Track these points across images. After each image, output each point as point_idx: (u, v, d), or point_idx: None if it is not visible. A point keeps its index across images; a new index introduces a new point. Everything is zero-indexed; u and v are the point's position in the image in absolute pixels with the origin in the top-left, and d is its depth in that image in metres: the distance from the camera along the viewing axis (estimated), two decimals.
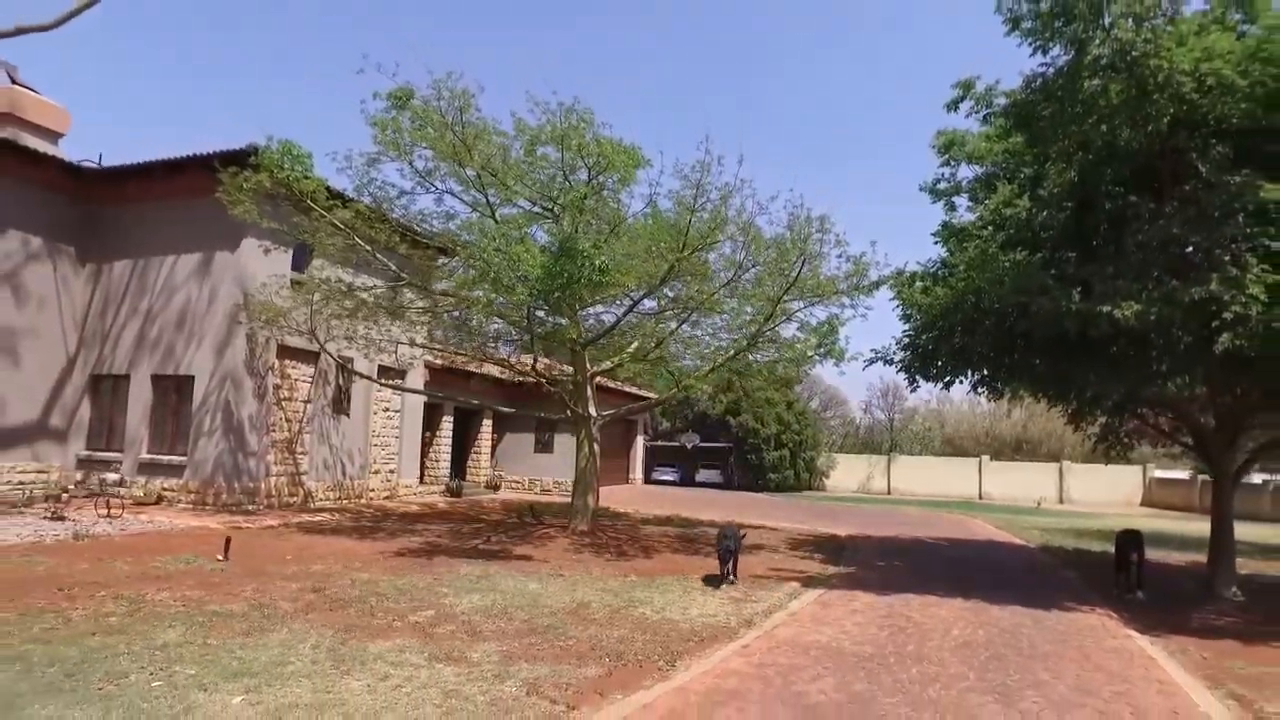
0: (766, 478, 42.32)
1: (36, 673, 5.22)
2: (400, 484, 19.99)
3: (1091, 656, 7.48)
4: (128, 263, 16.72)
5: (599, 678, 5.93)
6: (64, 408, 16.66)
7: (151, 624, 6.63)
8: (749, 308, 15.14)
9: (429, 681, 5.55)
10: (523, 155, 13.76)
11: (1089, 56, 9.27)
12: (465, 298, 12.49)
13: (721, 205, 13.62)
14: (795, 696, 5.75)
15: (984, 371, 13.69)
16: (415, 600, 8.24)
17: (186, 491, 15.42)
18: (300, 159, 13.20)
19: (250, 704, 4.87)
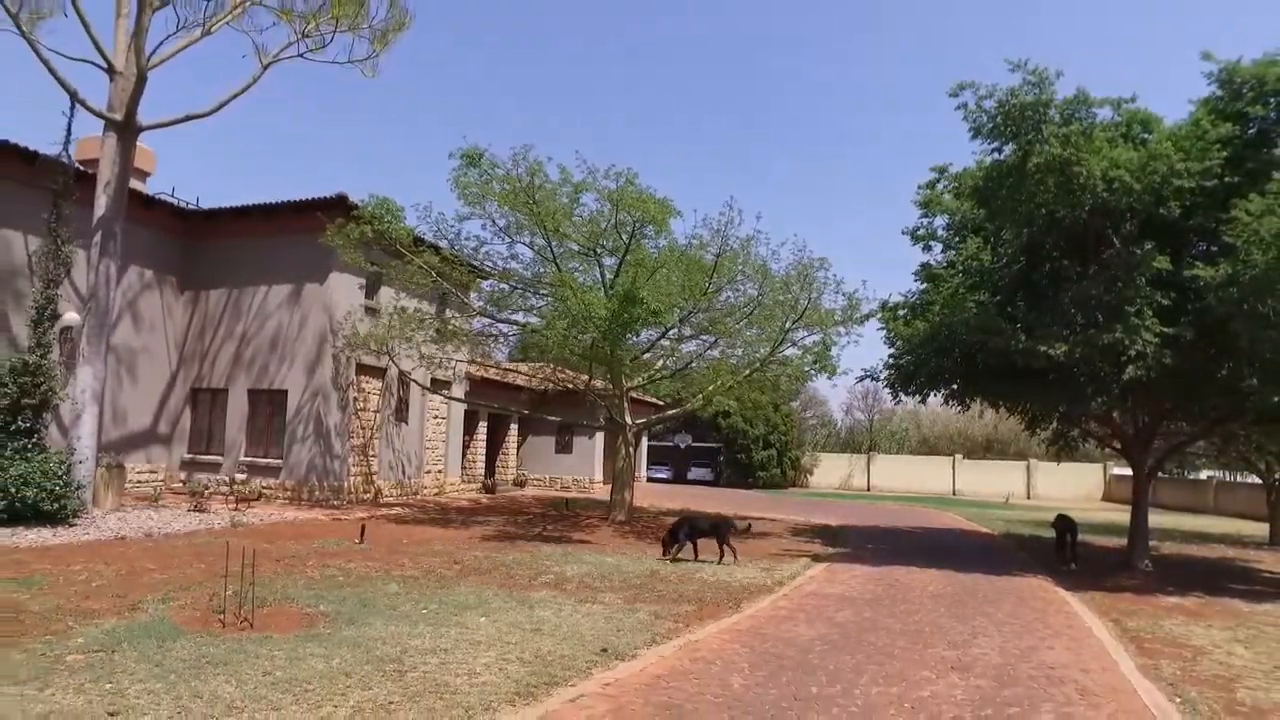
0: (755, 475, 45.32)
1: (348, 600, 8.03)
2: (447, 482, 22.79)
3: (1026, 600, 10.55)
4: (223, 291, 19.37)
5: (693, 612, 8.83)
6: (169, 416, 19.29)
7: (371, 582, 9.42)
8: (755, 330, 18.16)
9: (587, 613, 8.41)
10: (567, 204, 16.65)
11: (1031, 161, 12.33)
12: (541, 330, 15.34)
13: (741, 251, 16.64)
14: (826, 618, 8.73)
15: (954, 387, 16.81)
16: (532, 569, 11.10)
17: (283, 489, 18.12)
18: (394, 212, 15.97)
19: (491, 623, 7.69)
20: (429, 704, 5.08)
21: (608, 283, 16.23)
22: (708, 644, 7.34)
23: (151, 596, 7.89)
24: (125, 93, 14.07)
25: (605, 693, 5.62)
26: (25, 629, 6.41)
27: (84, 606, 7.34)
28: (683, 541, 12.84)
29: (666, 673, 6.25)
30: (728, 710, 5.38)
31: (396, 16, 16.00)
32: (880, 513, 28.05)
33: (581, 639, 7.11)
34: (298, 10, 15.46)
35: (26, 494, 11.76)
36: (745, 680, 6.16)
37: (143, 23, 13.56)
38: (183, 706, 4.77)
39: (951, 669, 6.85)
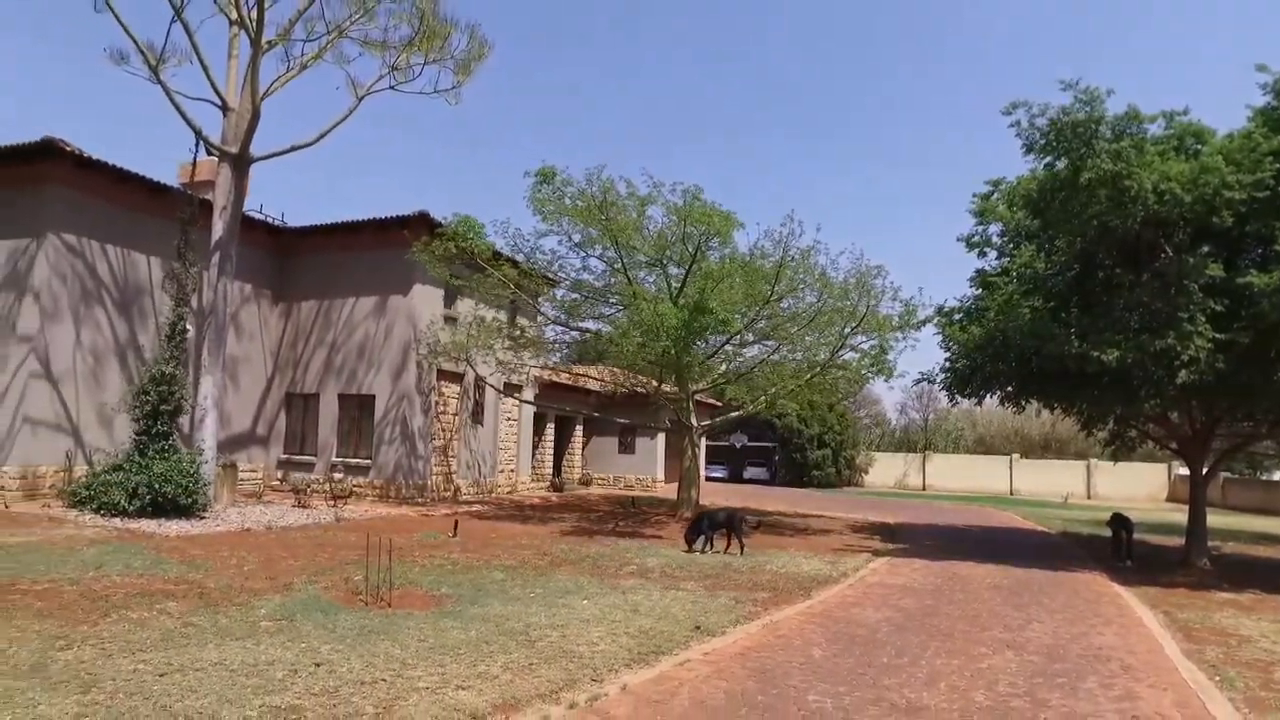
0: (810, 474, 45.89)
1: (464, 585, 9.16)
2: (518, 481, 24.04)
3: (1079, 593, 11.22)
4: (314, 303, 20.87)
5: (769, 598, 9.74)
6: (266, 419, 20.87)
7: (477, 571, 10.55)
8: (814, 335, 18.95)
9: (674, 598, 9.38)
10: (635, 218, 17.66)
11: (1082, 176, 12.92)
12: (616, 339, 16.43)
13: (802, 260, 17.48)
14: (891, 605, 9.58)
15: (1009, 390, 17.38)
16: (616, 560, 12.13)
17: (371, 487, 19.52)
18: (475, 229, 17.17)
19: (593, 605, 8.71)
20: (563, 665, 6.12)
21: (674, 292, 17.20)
22: (787, 624, 8.27)
23: (297, 579, 9.10)
24: (239, 127, 15.50)
25: (706, 660, 6.61)
26: (215, 601, 7.65)
27: (248, 586, 8.58)
28: (707, 534, 13.79)
29: (755, 646, 7.21)
30: (812, 674, 6.32)
31: (476, 47, 17.21)
32: (936, 511, 28.51)
33: (675, 618, 8.10)
34: (389, 42, 16.83)
35: (167, 490, 13.23)
36: (824, 652, 7.08)
37: (256, 64, 14.97)
38: (367, 662, 5.88)
39: (1007, 647, 7.65)
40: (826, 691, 5.87)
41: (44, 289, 15.49)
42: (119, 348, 16.94)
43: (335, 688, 5.23)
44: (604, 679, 5.86)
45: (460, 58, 17.09)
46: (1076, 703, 5.95)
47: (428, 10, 16.49)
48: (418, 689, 5.30)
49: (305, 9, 16.17)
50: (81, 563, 9.19)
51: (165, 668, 5.44)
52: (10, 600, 7.21)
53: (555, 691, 5.47)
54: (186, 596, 7.85)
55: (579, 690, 5.53)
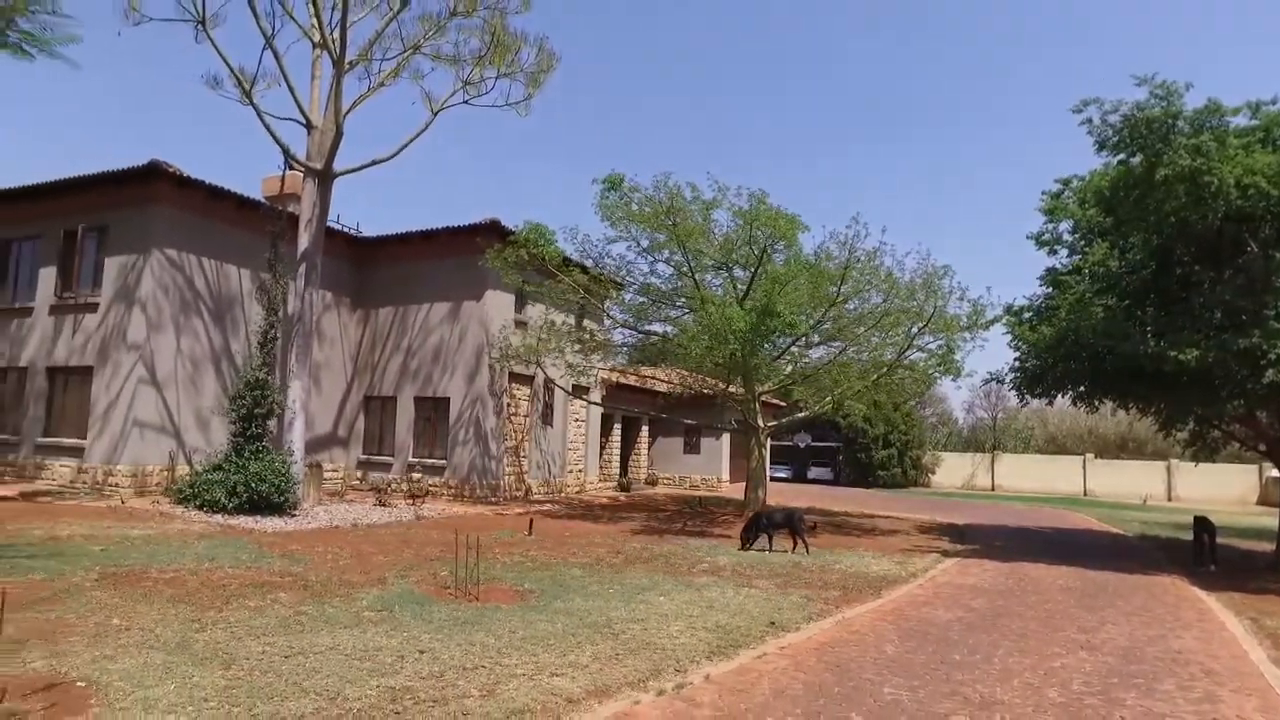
0: (875, 475, 45.46)
1: (545, 581, 9.60)
2: (586, 481, 24.56)
3: (1158, 596, 11.09)
4: (390, 309, 21.73)
5: (840, 596, 9.93)
6: (346, 421, 21.81)
7: (555, 567, 10.99)
8: (880, 336, 18.94)
9: (747, 595, 9.65)
10: (702, 223, 17.94)
11: (1158, 172, 12.72)
12: (684, 342, 16.77)
13: (867, 262, 17.54)
14: (961, 605, 9.68)
15: (1080, 389, 17.12)
16: (687, 559, 12.45)
17: (446, 487, 20.24)
18: (546, 236, 17.69)
19: (669, 601, 9.05)
20: (647, 656, 6.47)
21: (740, 294, 17.44)
22: (859, 621, 8.47)
23: (389, 574, 9.66)
24: (323, 145, 16.32)
25: (783, 653, 6.88)
26: (319, 593, 8.23)
27: (345, 579, 9.16)
28: (767, 532, 14.00)
29: (829, 641, 7.45)
30: (886, 668, 6.54)
31: (544, 59, 17.74)
32: (1006, 512, 28.03)
33: (750, 614, 8.38)
34: (460, 56, 17.51)
35: (261, 488, 14.06)
36: (896, 648, 7.27)
37: (339, 84, 15.76)
38: (465, 650, 6.33)
39: (1080, 648, 7.71)
40: (901, 685, 6.09)
41: (149, 301, 16.57)
42: (214, 354, 17.99)
43: (440, 672, 5.68)
44: (687, 669, 6.19)
45: (529, 70, 17.66)
46: (1153, 703, 6.03)
47: (497, 25, 17.10)
48: (515, 675, 5.71)
49: (383, 29, 16.95)
50: (196, 555, 9.94)
51: (288, 650, 5.98)
52: (146, 586, 7.92)
53: (642, 680, 5.82)
54: (293, 588, 8.45)
55: (664, 679, 5.88)
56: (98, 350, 17.16)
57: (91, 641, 5.91)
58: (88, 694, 4.79)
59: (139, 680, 5.07)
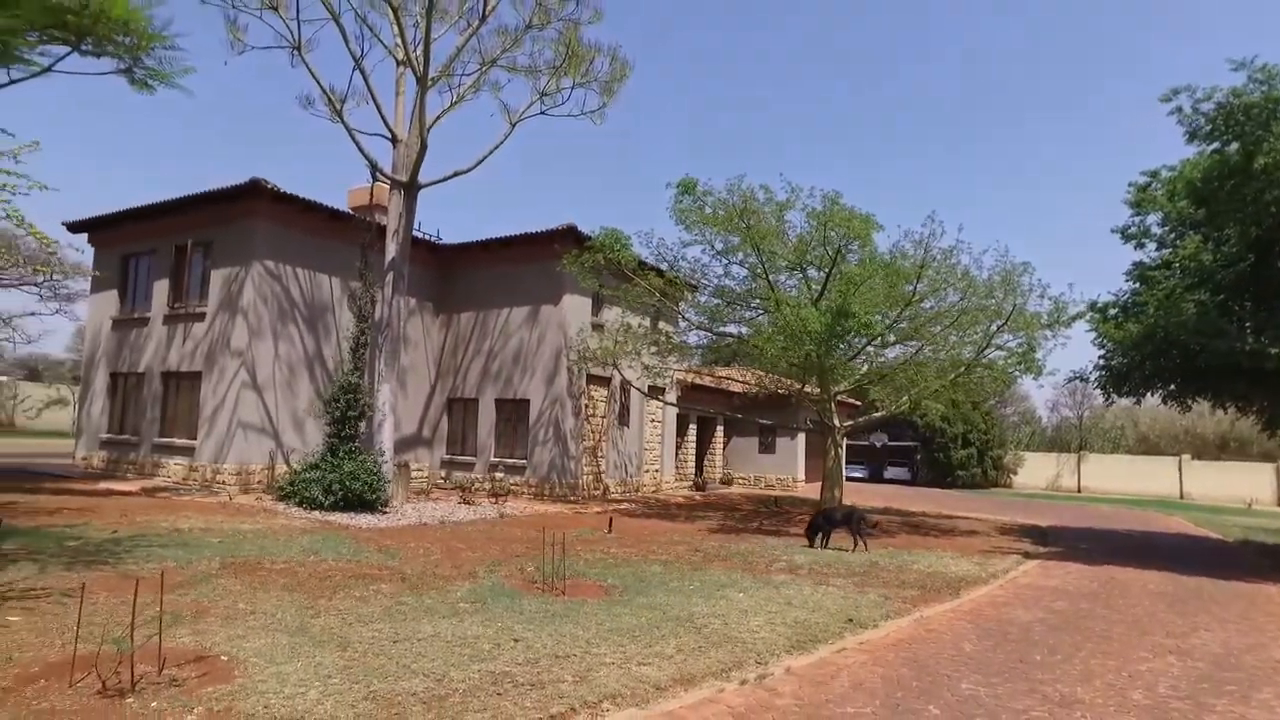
0: (954, 475, 44.56)
1: (627, 577, 9.95)
2: (662, 480, 24.90)
3: (1258, 604, 10.75)
4: (471, 313, 22.49)
5: (917, 596, 9.99)
6: (430, 423, 22.68)
7: (636, 564, 11.33)
8: (958, 335, 18.68)
9: (825, 593, 9.80)
10: (775, 224, 18.02)
11: (1257, 161, 12.29)
12: (759, 344, 16.93)
13: (944, 260, 17.36)
14: (1043, 606, 9.62)
15: (1171, 388, 16.59)
16: (764, 557, 12.63)
17: (527, 486, 20.85)
18: (621, 241, 18.07)
19: (748, 598, 9.29)
20: (729, 649, 6.73)
21: (814, 295, 17.48)
22: (937, 620, 8.55)
23: (479, 568, 10.15)
24: (408, 158, 17.08)
25: (861, 649, 7.05)
26: (416, 586, 8.76)
27: (438, 573, 9.69)
28: (825, 530, 14.18)
29: (907, 638, 7.57)
30: (964, 665, 6.65)
31: (618, 68, 18.14)
32: (1093, 515, 27.18)
33: (828, 611, 8.54)
34: (535, 66, 18.06)
35: (355, 487, 14.84)
36: (975, 647, 7.35)
37: (423, 99, 16.48)
38: (556, 640, 6.70)
39: (1170, 653, 7.62)
40: (979, 682, 6.20)
41: (250, 309, 17.64)
42: (308, 359, 19.00)
43: (535, 659, 6.06)
44: (767, 662, 6.43)
45: (603, 79, 18.08)
46: (1247, 709, 5.97)
47: (571, 36, 17.57)
48: (605, 663, 6.06)
49: (463, 45, 17.61)
50: (302, 548, 10.64)
51: (395, 636, 6.46)
52: (261, 575, 8.58)
53: (725, 670, 6.09)
54: (391, 580, 9.00)
55: (746, 670, 6.14)
56: (205, 356, 18.34)
57: (225, 622, 6.53)
58: (231, 667, 5.35)
59: (270, 657, 5.61)
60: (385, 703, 4.91)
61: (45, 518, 11.77)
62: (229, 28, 16.08)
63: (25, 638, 5.83)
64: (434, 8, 15.99)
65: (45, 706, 4.56)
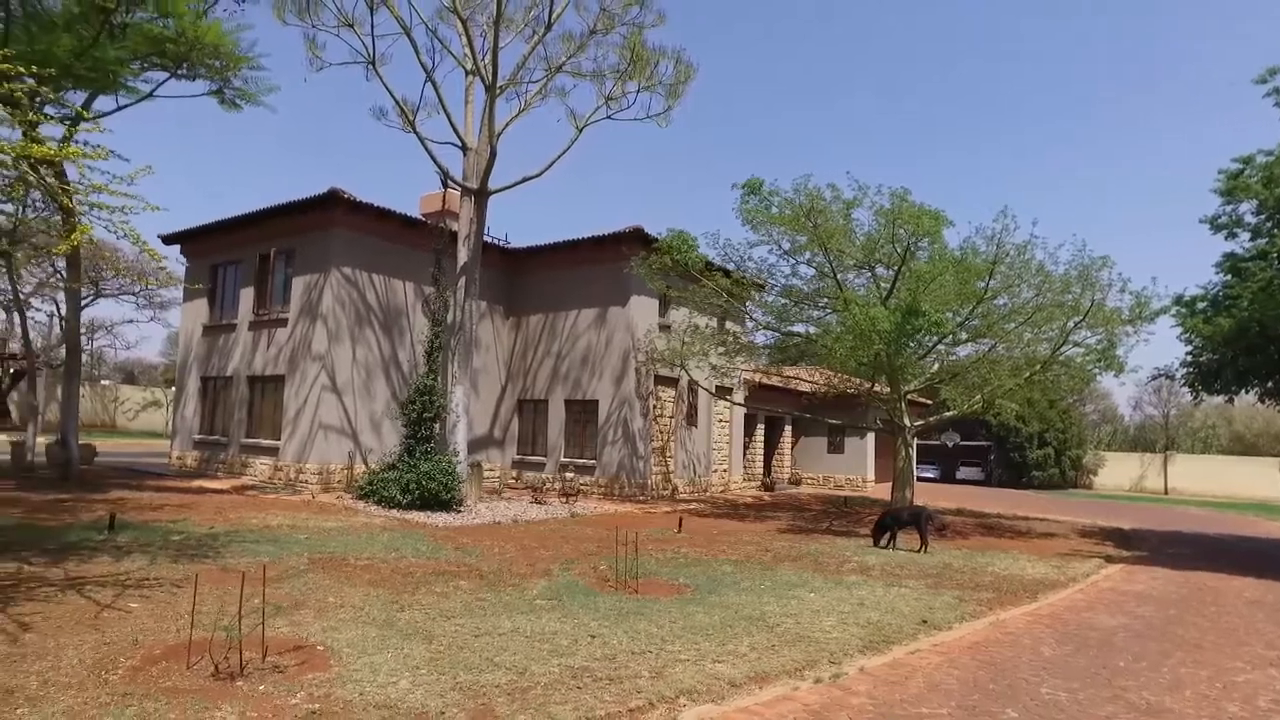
0: (1030, 475, 43.29)
1: (698, 576, 10.07)
2: (730, 480, 24.91)
3: None
4: (540, 316, 22.90)
5: (993, 599, 9.82)
6: (501, 423, 23.17)
7: (707, 564, 11.42)
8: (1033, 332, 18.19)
9: (898, 594, 9.73)
10: (843, 224, 17.85)
11: None
12: (828, 344, 16.82)
13: (1018, 256, 16.95)
14: (1127, 612, 9.35)
15: (1269, 384, 15.85)
16: (835, 558, 12.57)
17: (596, 486, 21.14)
18: (688, 242, 18.16)
19: (820, 598, 9.29)
20: (803, 648, 6.78)
21: (883, 294, 17.26)
22: (1014, 623, 8.41)
23: (553, 566, 10.40)
24: (478, 165, 17.51)
25: (936, 650, 7.01)
26: (493, 582, 9.04)
27: (514, 570, 9.96)
28: (892, 529, 14.04)
29: (983, 641, 7.49)
30: (1043, 669, 6.55)
31: (682, 71, 18.24)
32: (1182, 517, 26.09)
33: (901, 613, 8.49)
34: (600, 70, 18.31)
35: (431, 486, 15.30)
36: (1054, 652, 7.22)
37: (492, 108, 16.89)
38: (631, 637, 6.86)
39: (1270, 665, 7.31)
40: (1059, 686, 6.11)
41: (329, 315, 18.35)
42: (384, 362, 19.65)
43: (612, 655, 6.23)
44: (841, 661, 6.46)
45: (668, 82, 18.21)
46: None
47: (635, 41, 17.74)
48: (680, 660, 6.18)
49: (529, 53, 17.96)
50: (383, 545, 11.06)
51: (476, 631, 6.71)
52: (347, 572, 8.99)
53: (799, 669, 6.15)
54: (469, 577, 9.30)
55: (820, 669, 6.18)
56: (288, 360, 19.15)
57: (318, 614, 6.89)
58: (327, 656, 5.67)
59: (362, 648, 5.91)
60: (471, 693, 5.13)
61: (151, 513, 12.52)
62: (308, 46, 16.76)
63: (146, 623, 6.29)
64: (501, 18, 16.38)
65: (169, 685, 4.95)
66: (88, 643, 5.73)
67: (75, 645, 5.66)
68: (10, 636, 5.82)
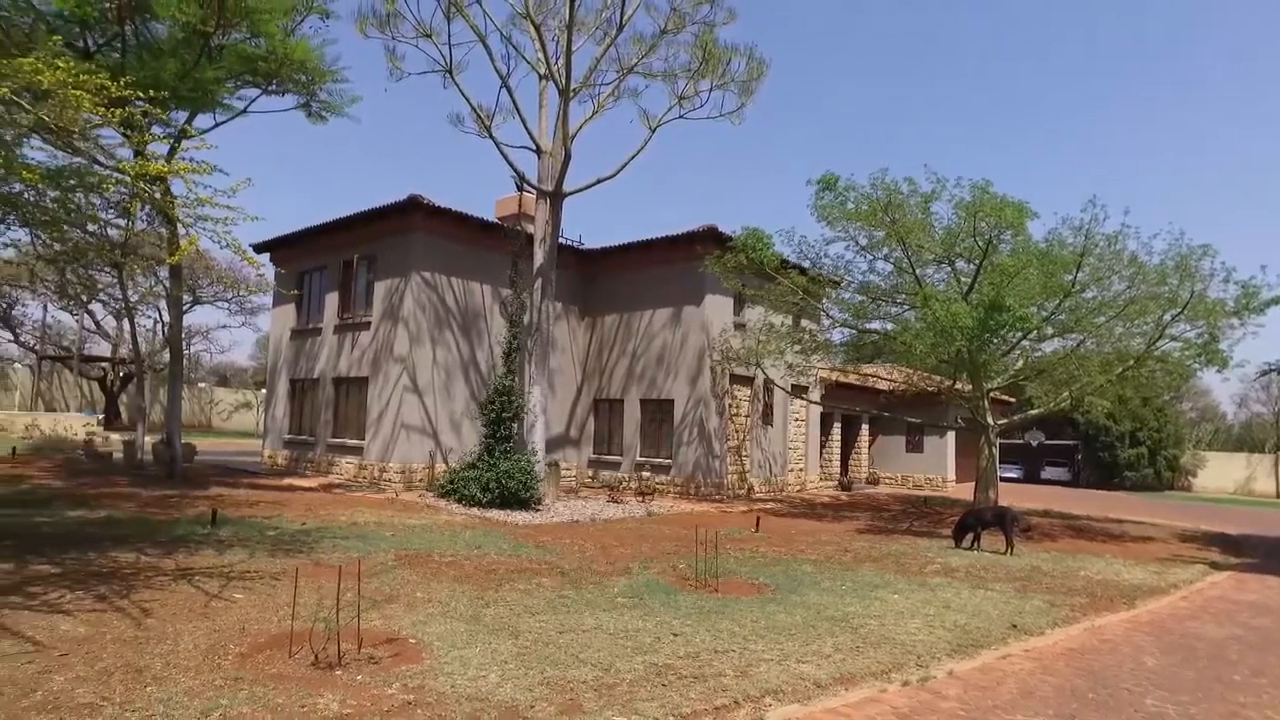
0: (1121, 476, 41.49)
1: (778, 576, 10.00)
2: (806, 480, 24.62)
3: None
4: (615, 316, 23.08)
5: (1086, 604, 9.45)
6: (577, 423, 23.44)
7: (786, 563, 11.32)
8: (1125, 326, 17.41)
9: (984, 597, 9.46)
10: (922, 218, 17.42)
11: None
12: (909, 341, 16.47)
13: (1108, 246, 16.27)
14: (1239, 623, 8.88)
15: None
16: (917, 558, 12.30)
17: (672, 485, 21.18)
18: (763, 240, 18.03)
19: (903, 599, 9.10)
20: (888, 650, 6.67)
21: (964, 289, 16.80)
22: (1111, 630, 8.08)
23: (632, 565, 10.47)
24: (553, 168, 17.75)
25: (1028, 655, 6.80)
26: (574, 580, 9.16)
27: (593, 568, 10.07)
28: (975, 530, 13.67)
29: (1079, 648, 7.22)
30: (1147, 680, 6.28)
31: (755, 68, 18.11)
32: None
33: (988, 616, 8.26)
34: (672, 70, 18.33)
35: (510, 485, 15.60)
36: (1159, 662, 6.91)
37: (565, 111, 17.11)
38: (714, 635, 6.86)
39: None
40: (1166, 699, 5.85)
41: (410, 318, 18.88)
42: (463, 364, 20.11)
43: (695, 653, 6.25)
44: (929, 664, 6.33)
45: (741, 80, 18.10)
46: None
47: (707, 39, 17.69)
48: (764, 660, 6.16)
49: (601, 55, 18.11)
50: (465, 543, 11.33)
51: (560, 628, 6.82)
52: (432, 567, 9.25)
53: (885, 671, 6.05)
54: (551, 574, 9.45)
55: (907, 671, 6.07)
56: (371, 362, 19.78)
57: (407, 609, 7.11)
58: (418, 649, 5.86)
59: (452, 642, 6.09)
60: (559, 688, 5.23)
61: (247, 509, 13.13)
62: (389, 57, 17.29)
63: (250, 613, 6.62)
64: (573, 21, 16.58)
65: (275, 672, 5.21)
66: (200, 629, 6.08)
67: (190, 631, 6.01)
68: (135, 621, 6.23)
